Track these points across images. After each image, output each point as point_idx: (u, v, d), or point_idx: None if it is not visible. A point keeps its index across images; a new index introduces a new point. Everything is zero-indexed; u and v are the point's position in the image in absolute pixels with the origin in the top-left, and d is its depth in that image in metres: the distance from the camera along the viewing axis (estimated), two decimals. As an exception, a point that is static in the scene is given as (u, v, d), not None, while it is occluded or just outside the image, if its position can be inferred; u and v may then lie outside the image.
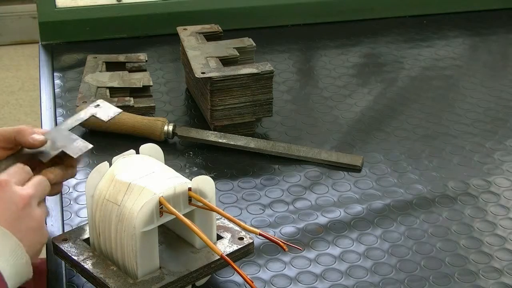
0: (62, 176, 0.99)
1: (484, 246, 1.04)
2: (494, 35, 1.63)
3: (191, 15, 1.55)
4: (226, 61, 1.27)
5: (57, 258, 0.98)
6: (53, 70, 1.47)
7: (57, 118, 1.32)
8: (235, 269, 0.87)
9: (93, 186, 0.92)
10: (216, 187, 0.93)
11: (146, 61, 1.39)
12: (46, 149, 1.00)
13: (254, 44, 1.32)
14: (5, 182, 0.89)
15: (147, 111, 1.28)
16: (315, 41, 1.59)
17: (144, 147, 0.97)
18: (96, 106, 1.06)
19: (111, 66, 1.39)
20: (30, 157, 0.99)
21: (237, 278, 0.98)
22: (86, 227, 0.97)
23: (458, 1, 1.69)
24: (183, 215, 0.89)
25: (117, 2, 1.56)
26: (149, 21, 1.57)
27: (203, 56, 1.27)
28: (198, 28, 1.37)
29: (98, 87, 1.30)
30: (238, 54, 1.29)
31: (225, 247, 0.94)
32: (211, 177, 0.92)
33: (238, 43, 1.32)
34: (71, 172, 1.01)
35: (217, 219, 0.97)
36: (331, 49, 1.56)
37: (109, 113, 1.05)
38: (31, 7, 3.18)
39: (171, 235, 0.97)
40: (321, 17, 1.64)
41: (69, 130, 1.02)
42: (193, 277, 0.92)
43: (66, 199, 1.12)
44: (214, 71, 1.22)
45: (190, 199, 0.91)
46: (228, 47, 1.30)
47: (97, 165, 0.93)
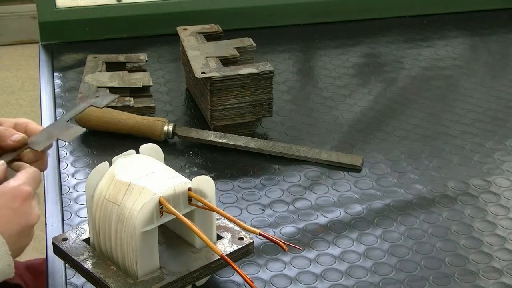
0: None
1: (484, 246, 1.04)
2: (494, 35, 1.63)
3: (191, 15, 1.55)
4: (226, 61, 1.27)
5: (57, 258, 0.98)
6: (53, 70, 1.47)
7: (57, 118, 1.31)
8: (235, 269, 0.87)
9: (93, 186, 0.92)
10: (216, 187, 0.93)
11: (146, 61, 1.39)
12: (41, 139, 1.02)
13: (254, 44, 1.32)
14: (28, 195, 0.91)
15: (147, 111, 1.28)
16: (315, 41, 1.59)
17: (144, 147, 0.97)
18: (96, 97, 1.09)
19: (111, 66, 1.38)
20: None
21: (237, 278, 0.98)
22: (86, 227, 0.97)
23: (458, 1, 1.69)
24: (183, 215, 0.89)
25: (117, 2, 1.56)
26: (149, 21, 1.57)
27: (203, 56, 1.27)
28: (198, 28, 1.37)
29: (98, 87, 1.30)
30: (238, 54, 1.29)
31: (225, 247, 0.94)
32: (211, 177, 0.92)
33: (238, 43, 1.32)
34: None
35: (217, 219, 0.97)
36: (331, 49, 1.56)
37: (106, 100, 1.09)
38: (31, 7, 3.18)
39: (171, 235, 0.97)
40: (321, 17, 1.64)
41: (68, 121, 1.04)
42: (193, 277, 0.92)
43: (66, 199, 1.12)
44: (214, 71, 1.22)
45: (190, 199, 0.91)
46: (228, 47, 1.30)
47: (97, 165, 0.93)
